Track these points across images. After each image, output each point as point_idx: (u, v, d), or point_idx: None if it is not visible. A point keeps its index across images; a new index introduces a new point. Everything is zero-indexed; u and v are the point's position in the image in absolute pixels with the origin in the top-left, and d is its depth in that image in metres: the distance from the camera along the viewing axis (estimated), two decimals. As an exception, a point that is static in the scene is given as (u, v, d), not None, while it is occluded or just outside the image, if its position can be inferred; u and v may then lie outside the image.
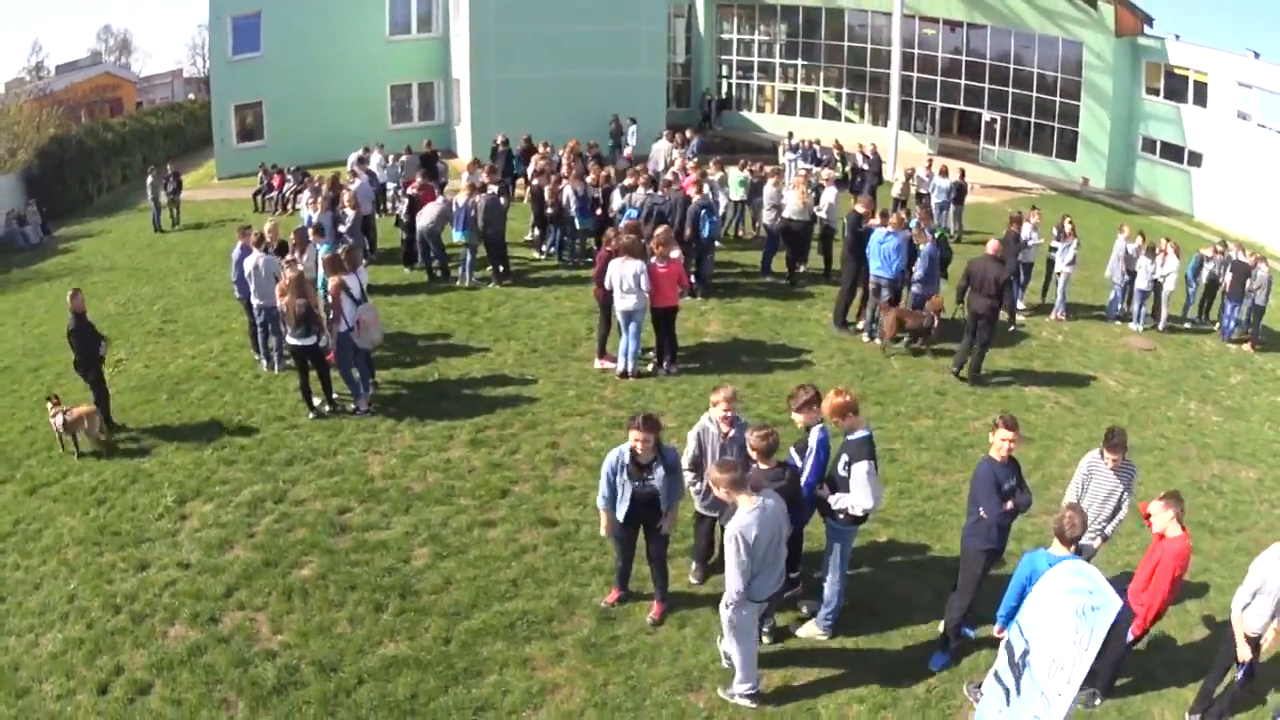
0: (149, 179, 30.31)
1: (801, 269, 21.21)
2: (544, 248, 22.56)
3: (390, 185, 26.36)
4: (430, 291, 19.86)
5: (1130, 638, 8.75)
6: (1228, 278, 21.56)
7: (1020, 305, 20.66)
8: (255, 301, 15.45)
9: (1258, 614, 8.45)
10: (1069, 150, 41.24)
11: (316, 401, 14.05)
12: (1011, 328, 19.26)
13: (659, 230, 16.09)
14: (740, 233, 24.89)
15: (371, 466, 12.51)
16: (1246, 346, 21.03)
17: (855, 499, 8.86)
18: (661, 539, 9.35)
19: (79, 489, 12.19)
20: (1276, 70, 34.88)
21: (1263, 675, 8.78)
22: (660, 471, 8.97)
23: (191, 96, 59.71)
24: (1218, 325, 21.95)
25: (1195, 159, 37.97)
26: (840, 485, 8.97)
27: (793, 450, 9.28)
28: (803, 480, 9.09)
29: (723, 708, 8.52)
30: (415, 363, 16.00)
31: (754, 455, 8.70)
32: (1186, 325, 22.05)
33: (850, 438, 9.02)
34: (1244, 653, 8.49)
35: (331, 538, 10.89)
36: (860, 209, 17.75)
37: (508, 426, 13.66)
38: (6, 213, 34.01)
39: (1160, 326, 21.23)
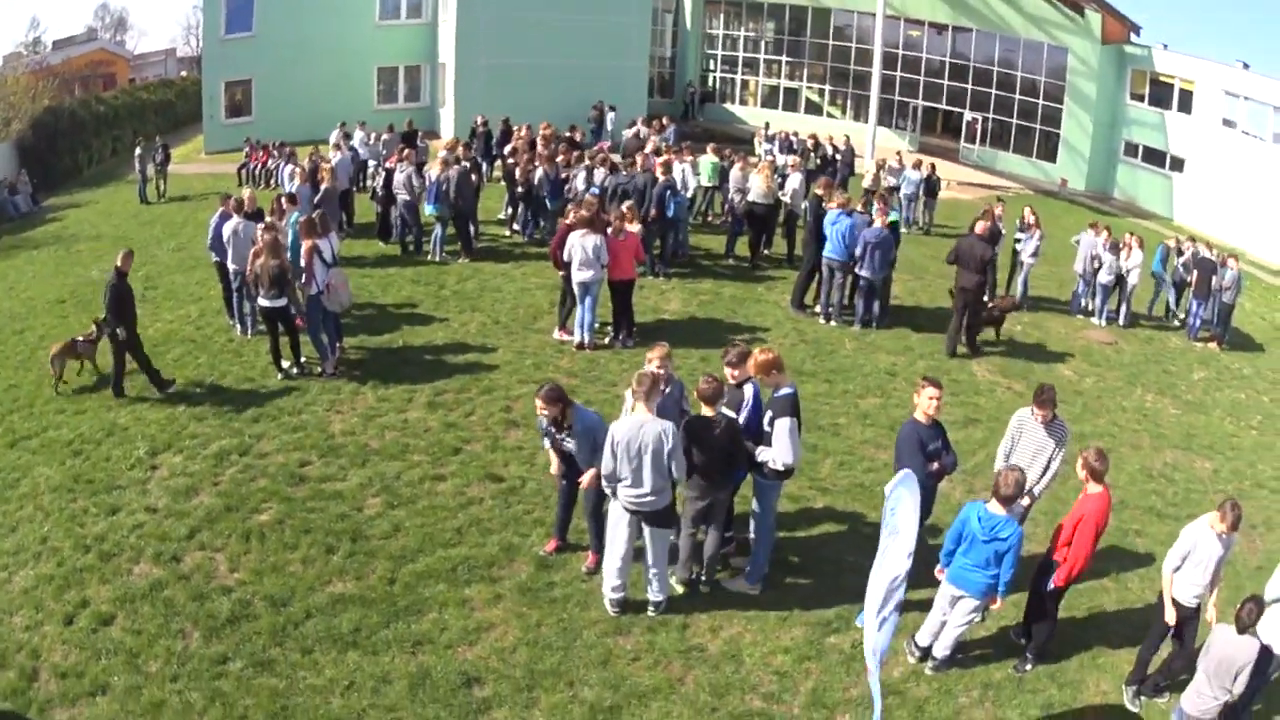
0: (138, 150, 30.79)
1: (766, 253, 21.67)
2: (515, 226, 22.98)
3: (371, 163, 26.76)
4: (402, 265, 20.30)
5: (1052, 586, 9.00)
6: (1194, 275, 21.53)
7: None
8: (232, 266, 15.88)
9: (1189, 583, 8.69)
10: (1050, 152, 41.74)
11: (285, 364, 14.49)
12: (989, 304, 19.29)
13: (625, 205, 16.56)
14: (709, 217, 25.19)
15: (333, 424, 12.98)
16: (1213, 345, 20.98)
17: (776, 453, 9.26)
18: (595, 494, 9.78)
19: (57, 442, 12.65)
20: (1264, 81, 35.47)
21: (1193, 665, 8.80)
22: (572, 435, 9.48)
23: (184, 74, 59.83)
24: (1185, 324, 21.86)
25: (1178, 164, 38.51)
26: (765, 440, 9.38)
27: (724, 410, 9.64)
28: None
29: (649, 650, 8.99)
30: (382, 330, 16.44)
31: (699, 399, 9.19)
32: (1151, 322, 22.09)
33: (776, 394, 9.42)
34: (1170, 616, 8.77)
35: (290, 487, 11.38)
36: (819, 192, 18.16)
37: (465, 391, 14.12)
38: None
39: (1123, 322, 21.28)
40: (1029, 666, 9.17)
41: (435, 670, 8.57)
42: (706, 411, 9.21)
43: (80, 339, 14.58)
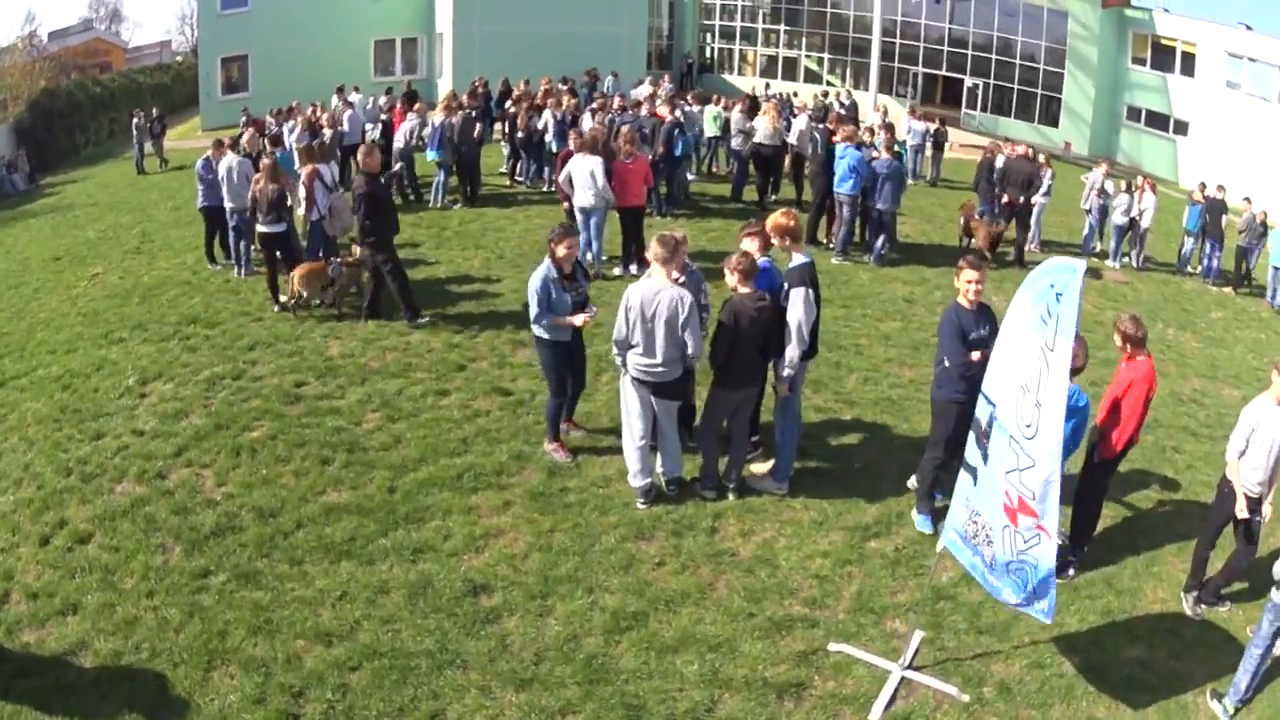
0: (135, 121, 30.93)
1: (774, 197, 21.30)
2: (518, 177, 22.73)
3: (368, 126, 26.37)
4: (403, 211, 19.38)
5: (1099, 458, 8.64)
6: (1206, 218, 21.25)
7: None
8: (229, 205, 15.50)
9: (1253, 467, 8.14)
10: (1052, 118, 41.21)
11: (283, 297, 14.07)
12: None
13: (625, 129, 16.20)
14: (715, 168, 24.77)
15: (331, 349, 12.55)
16: (1228, 290, 20.81)
17: (791, 320, 8.83)
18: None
19: (46, 379, 12.29)
20: (1268, 41, 34.93)
21: (1254, 573, 8.50)
22: (583, 280, 9.51)
23: (179, 58, 59.56)
24: (1199, 269, 21.63)
25: (1181, 127, 37.96)
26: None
27: None
28: None
29: (675, 555, 8.45)
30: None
31: (734, 278, 8.74)
32: (1166, 269, 21.71)
33: (790, 265, 9.01)
34: (1241, 505, 8.14)
35: (284, 406, 10.89)
36: (829, 126, 17.91)
37: (469, 316, 13.74)
38: (-2, 160, 34.33)
39: (1137, 265, 21.06)
40: (1070, 573, 8.59)
41: (437, 579, 8.04)
42: (744, 289, 8.72)
43: (338, 261, 13.86)
